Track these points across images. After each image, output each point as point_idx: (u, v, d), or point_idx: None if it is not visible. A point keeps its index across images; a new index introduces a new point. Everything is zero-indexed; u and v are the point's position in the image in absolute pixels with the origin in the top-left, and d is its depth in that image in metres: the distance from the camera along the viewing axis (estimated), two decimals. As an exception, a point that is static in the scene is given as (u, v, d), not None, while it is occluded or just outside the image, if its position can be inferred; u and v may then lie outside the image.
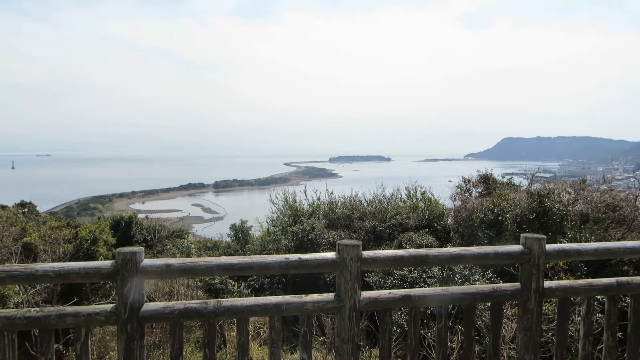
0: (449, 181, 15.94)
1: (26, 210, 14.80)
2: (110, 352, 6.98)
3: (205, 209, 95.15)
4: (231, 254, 12.07)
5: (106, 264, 2.75)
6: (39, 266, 2.70)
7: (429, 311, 6.33)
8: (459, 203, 12.24)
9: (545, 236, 3.25)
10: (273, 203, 14.02)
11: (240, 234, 13.41)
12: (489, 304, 5.65)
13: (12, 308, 5.93)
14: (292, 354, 7.55)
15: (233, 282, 10.30)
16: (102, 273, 2.75)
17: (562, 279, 6.60)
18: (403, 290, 3.23)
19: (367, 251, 3.06)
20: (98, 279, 2.72)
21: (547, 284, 3.31)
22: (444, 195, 13.62)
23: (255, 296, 9.69)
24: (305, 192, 13.91)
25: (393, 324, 3.37)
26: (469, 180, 13.10)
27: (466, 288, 3.26)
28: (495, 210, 9.60)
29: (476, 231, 10.05)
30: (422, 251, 3.13)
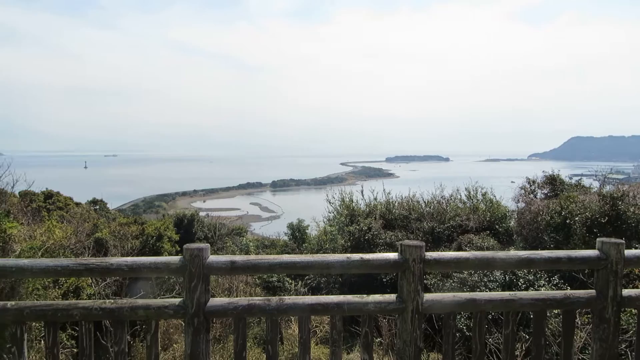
0: (512, 182, 15.34)
1: (97, 207, 15.74)
2: (174, 344, 7.26)
3: (263, 207, 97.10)
4: (288, 253, 12.24)
5: (174, 259, 2.85)
6: (114, 260, 2.84)
7: (489, 316, 6.12)
8: (523, 205, 11.76)
9: (623, 241, 3.04)
10: (330, 203, 14.05)
11: (298, 232, 13.55)
12: (555, 311, 5.40)
13: (85, 299, 6.31)
14: (347, 353, 7.53)
15: (290, 280, 10.44)
16: (170, 268, 2.86)
17: (637, 287, 6.18)
18: (468, 293, 3.13)
19: (431, 252, 2.99)
20: (167, 274, 2.83)
21: (626, 292, 3.10)
22: (506, 196, 13.12)
23: (312, 295, 9.76)
24: (362, 192, 13.83)
25: (456, 328, 3.27)
26: (533, 181, 12.55)
27: (536, 294, 3.11)
28: (563, 213, 9.13)
29: (541, 234, 9.61)
30: (489, 254, 3.02)
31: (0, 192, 10.23)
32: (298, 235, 13.63)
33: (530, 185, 12.50)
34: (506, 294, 3.10)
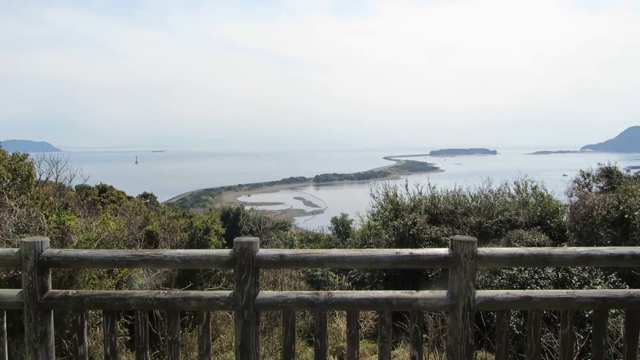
0: (564, 175, 14.73)
1: (148, 201, 16.30)
2: (221, 335, 7.42)
3: (307, 202, 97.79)
4: (332, 247, 12.25)
5: (225, 252, 2.90)
6: (167, 252, 2.92)
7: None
8: (576, 199, 11.26)
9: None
10: (373, 197, 13.93)
11: (341, 227, 13.55)
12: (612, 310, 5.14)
13: (137, 289, 6.53)
14: (392, 349, 7.46)
15: (334, 275, 10.45)
16: (221, 261, 2.91)
17: None
18: (523, 291, 3.02)
19: (483, 248, 2.90)
20: (217, 266, 2.88)
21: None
22: (558, 190, 12.59)
23: (355, 289, 9.74)
24: (406, 186, 13.64)
25: (510, 326, 3.17)
26: (588, 174, 11.98)
27: (596, 292, 2.96)
28: (621, 208, 8.68)
29: (597, 230, 9.18)
30: (545, 250, 2.90)
31: (59, 186, 10.76)
32: (342, 230, 13.62)
33: (585, 179, 11.95)
34: (563, 292, 2.97)
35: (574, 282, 7.00)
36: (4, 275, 5.36)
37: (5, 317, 3.05)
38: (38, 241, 2.89)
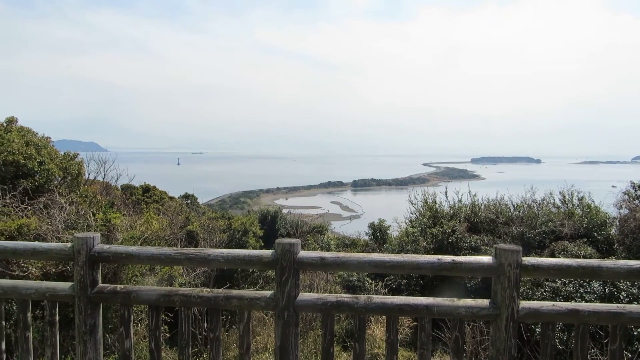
0: (613, 186, 14.13)
1: (189, 201, 16.69)
2: (256, 337, 7.50)
3: (344, 206, 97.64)
4: (369, 252, 12.15)
5: (267, 253, 2.95)
6: (211, 251, 2.99)
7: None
8: (626, 212, 10.78)
9: None
10: (412, 203, 13.78)
11: (379, 232, 13.46)
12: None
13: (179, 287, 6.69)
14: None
15: (370, 280, 10.39)
16: (263, 261, 2.96)
17: None
18: (570, 303, 2.92)
19: (528, 258, 2.83)
20: (259, 267, 2.92)
21: None
22: (607, 202, 12.09)
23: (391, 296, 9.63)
24: (445, 193, 13.43)
25: (555, 339, 3.07)
26: (639, 186, 11.46)
27: (650, 308, 2.83)
28: (675, 222, 8.27)
29: (648, 244, 8.77)
30: (594, 262, 2.80)
31: (106, 185, 11.18)
32: (379, 235, 13.53)
33: (636, 190, 11.42)
34: (613, 306, 2.86)
35: (622, 297, 6.72)
36: (53, 270, 5.61)
37: (57, 309, 3.20)
38: (90, 237, 3.02)
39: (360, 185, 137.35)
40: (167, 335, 6.32)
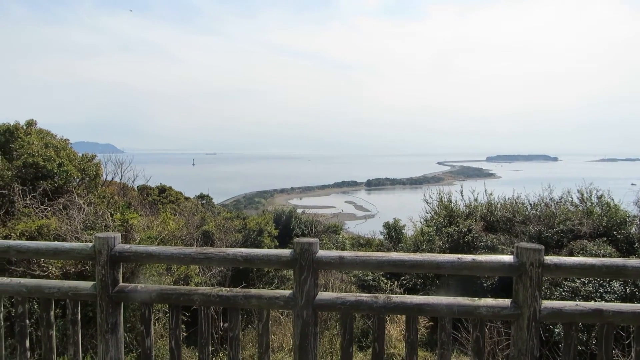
0: (632, 184, 13.90)
1: (204, 202, 16.81)
2: (272, 336, 7.51)
3: (358, 206, 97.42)
4: (384, 252, 12.08)
5: (286, 252, 2.95)
6: (230, 250, 3.01)
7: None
8: (647, 210, 10.59)
9: None
10: (427, 202, 13.69)
11: (394, 232, 13.39)
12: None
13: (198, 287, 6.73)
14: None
15: (386, 280, 10.34)
16: (282, 261, 2.96)
17: None
18: (593, 303, 2.87)
19: (550, 257, 2.79)
20: (278, 266, 2.93)
21: None
22: (626, 200, 11.86)
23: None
24: (461, 192, 13.31)
25: (578, 339, 3.03)
26: (660, 184, 11.25)
27: (677, 308, 2.77)
28: (698, 220, 8.09)
29: (670, 243, 8.60)
30: (619, 261, 2.75)
31: (123, 186, 11.30)
32: (394, 235, 13.46)
33: (656, 188, 11.22)
34: (638, 306, 2.80)
35: (644, 297, 6.60)
36: (72, 270, 5.68)
37: (79, 308, 3.24)
38: (111, 237, 3.05)
39: (375, 184, 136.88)
40: (185, 334, 6.36)
